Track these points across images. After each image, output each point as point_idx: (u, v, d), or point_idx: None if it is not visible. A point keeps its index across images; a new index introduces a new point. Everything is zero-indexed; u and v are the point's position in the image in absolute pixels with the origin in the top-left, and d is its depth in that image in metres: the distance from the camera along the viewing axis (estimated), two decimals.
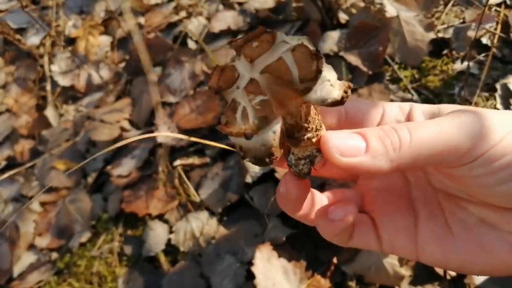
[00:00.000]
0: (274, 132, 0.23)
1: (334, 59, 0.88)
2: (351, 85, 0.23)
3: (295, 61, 0.22)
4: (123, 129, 0.98)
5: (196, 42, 1.08)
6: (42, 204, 0.96)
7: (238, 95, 0.23)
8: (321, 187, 0.68)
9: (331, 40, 0.89)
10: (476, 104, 0.77)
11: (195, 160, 0.87)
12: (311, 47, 0.22)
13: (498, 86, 0.78)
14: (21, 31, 1.36)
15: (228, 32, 1.06)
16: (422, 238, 0.29)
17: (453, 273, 0.61)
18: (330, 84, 0.22)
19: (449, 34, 0.88)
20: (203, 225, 0.77)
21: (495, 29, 0.83)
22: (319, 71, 0.21)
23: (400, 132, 0.24)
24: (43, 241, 0.89)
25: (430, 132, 0.24)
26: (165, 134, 0.48)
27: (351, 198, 0.32)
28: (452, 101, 0.79)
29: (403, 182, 0.32)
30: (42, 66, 1.23)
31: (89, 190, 0.93)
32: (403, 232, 0.30)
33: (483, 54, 0.83)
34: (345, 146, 0.24)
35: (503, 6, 0.86)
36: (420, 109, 0.29)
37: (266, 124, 0.22)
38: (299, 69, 0.21)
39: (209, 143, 0.56)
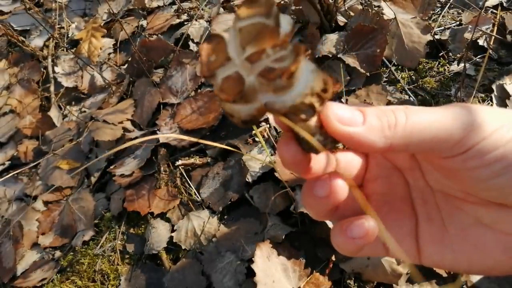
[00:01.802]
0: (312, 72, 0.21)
1: (332, 61, 0.89)
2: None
3: (249, 16, 0.21)
4: (125, 130, 1.00)
5: (197, 44, 1.10)
6: (46, 203, 0.97)
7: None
8: None
9: (330, 42, 0.90)
10: None
11: (196, 160, 0.88)
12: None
13: (494, 87, 0.79)
14: (24, 33, 1.38)
15: None
16: (422, 241, 0.29)
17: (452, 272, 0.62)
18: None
19: (446, 36, 0.90)
20: (204, 223, 0.78)
21: (492, 31, 0.84)
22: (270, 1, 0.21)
23: (397, 114, 0.25)
24: (46, 240, 0.91)
25: (425, 118, 0.24)
26: (168, 135, 0.50)
27: (356, 201, 0.32)
28: (448, 102, 0.80)
29: (404, 183, 0.32)
30: (45, 67, 1.24)
31: (92, 190, 0.95)
32: (408, 236, 0.30)
33: (479, 56, 0.84)
34: (343, 114, 0.24)
35: (499, 8, 0.88)
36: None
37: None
38: (258, 14, 0.21)
39: (210, 143, 0.57)
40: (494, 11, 0.90)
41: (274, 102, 0.22)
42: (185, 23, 1.17)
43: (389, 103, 0.80)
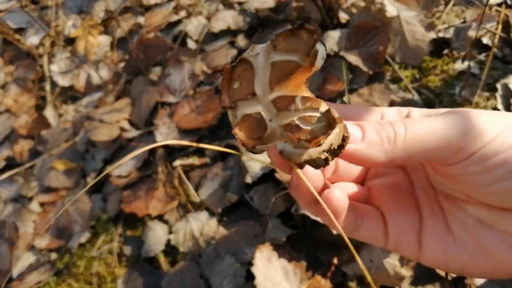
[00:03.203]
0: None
1: (334, 59, 0.88)
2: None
3: (287, 50, 0.21)
4: (122, 129, 0.98)
5: (196, 42, 1.08)
6: (42, 204, 0.95)
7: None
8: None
9: (332, 40, 0.89)
10: (477, 104, 0.77)
11: (194, 160, 0.86)
12: (286, 30, 0.21)
13: (498, 86, 0.77)
14: (20, 31, 1.36)
15: (228, 32, 1.06)
16: (425, 237, 0.29)
17: (454, 274, 0.61)
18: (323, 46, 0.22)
19: (449, 34, 0.88)
20: (203, 225, 0.76)
21: (496, 29, 0.83)
22: (313, 38, 0.21)
23: (396, 127, 0.25)
24: (42, 242, 0.89)
25: (424, 128, 0.24)
26: (168, 142, 0.49)
27: (356, 191, 0.32)
28: (452, 100, 0.79)
29: (408, 181, 0.32)
30: (41, 66, 1.23)
31: (88, 191, 0.93)
32: (410, 228, 0.30)
33: (483, 54, 0.83)
34: None
35: (503, 5, 0.86)
36: (419, 113, 0.29)
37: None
38: (295, 51, 0.21)
39: (210, 147, 0.55)
40: (498, 8, 0.88)
41: (291, 153, 0.22)
42: (184, 20, 1.16)
43: (392, 101, 0.79)
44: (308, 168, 0.25)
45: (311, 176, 0.26)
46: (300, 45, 0.21)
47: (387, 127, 0.25)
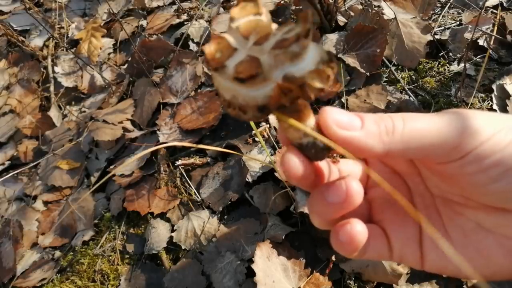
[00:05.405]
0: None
1: None
2: None
3: (242, 15, 0.23)
4: (125, 130, 1.00)
5: (197, 44, 1.10)
6: (45, 203, 0.97)
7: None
8: None
9: (330, 42, 0.90)
10: (472, 105, 0.78)
11: (196, 159, 0.88)
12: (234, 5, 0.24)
13: (494, 87, 0.79)
14: (24, 33, 1.38)
15: None
16: (425, 245, 0.29)
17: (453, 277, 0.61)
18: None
19: (446, 36, 0.90)
20: (204, 223, 0.78)
21: (492, 31, 0.84)
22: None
23: (394, 120, 0.25)
24: (46, 240, 0.91)
25: (422, 124, 0.25)
26: (172, 144, 0.50)
27: (360, 206, 0.32)
28: (448, 101, 0.80)
29: (406, 188, 0.32)
30: (45, 67, 1.24)
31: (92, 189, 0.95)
32: (412, 240, 0.30)
33: (479, 56, 0.84)
34: (341, 119, 0.25)
35: (499, 8, 0.88)
36: None
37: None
38: (250, 13, 0.23)
39: (210, 148, 0.57)
40: (494, 11, 0.90)
41: (293, 71, 0.22)
42: (185, 23, 1.17)
43: (389, 103, 0.80)
44: (353, 186, 0.24)
45: (332, 206, 0.25)
46: (251, 8, 0.23)
47: (386, 119, 0.25)
